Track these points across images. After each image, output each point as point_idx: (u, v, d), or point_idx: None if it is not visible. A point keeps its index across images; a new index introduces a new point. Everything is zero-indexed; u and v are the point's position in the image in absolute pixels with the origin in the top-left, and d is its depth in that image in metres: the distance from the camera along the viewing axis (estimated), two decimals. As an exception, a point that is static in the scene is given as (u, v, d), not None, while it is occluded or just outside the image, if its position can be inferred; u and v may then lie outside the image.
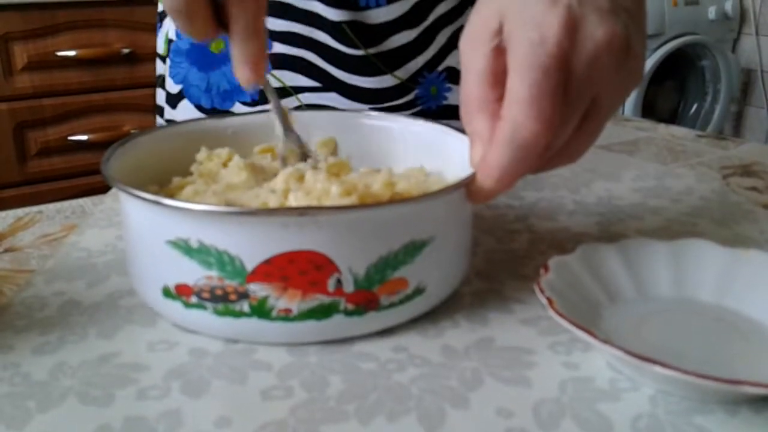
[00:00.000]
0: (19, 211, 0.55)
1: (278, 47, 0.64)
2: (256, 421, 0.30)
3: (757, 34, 2.49)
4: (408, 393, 0.32)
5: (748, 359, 0.35)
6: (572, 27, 0.34)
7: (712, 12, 2.39)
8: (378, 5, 0.63)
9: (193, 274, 0.34)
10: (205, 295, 0.35)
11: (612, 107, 0.37)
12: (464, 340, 0.37)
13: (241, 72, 0.41)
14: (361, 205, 0.36)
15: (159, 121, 0.74)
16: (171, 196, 0.41)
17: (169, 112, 0.71)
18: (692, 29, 2.35)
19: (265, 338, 0.36)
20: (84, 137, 1.76)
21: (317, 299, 0.35)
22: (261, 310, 0.35)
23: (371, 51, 0.65)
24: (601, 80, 0.35)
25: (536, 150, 0.34)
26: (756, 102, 2.58)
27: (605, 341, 0.31)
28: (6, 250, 0.48)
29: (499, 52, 0.36)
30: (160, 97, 0.73)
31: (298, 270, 0.34)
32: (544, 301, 0.34)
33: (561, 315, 0.33)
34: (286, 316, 0.35)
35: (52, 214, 0.54)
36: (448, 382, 0.33)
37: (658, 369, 0.30)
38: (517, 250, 0.48)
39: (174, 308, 0.36)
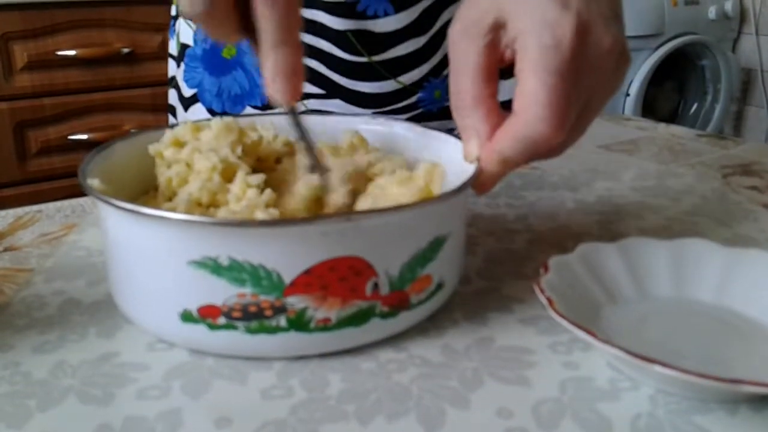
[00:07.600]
0: (19, 210, 0.55)
1: None
2: (256, 420, 0.30)
3: (757, 33, 2.49)
4: (408, 393, 0.32)
5: (747, 358, 0.35)
6: (583, 32, 0.35)
7: (712, 12, 2.39)
8: (386, 14, 0.63)
9: (222, 293, 0.32)
10: (236, 314, 0.33)
11: (601, 108, 0.38)
12: (464, 339, 0.37)
13: (273, 86, 0.35)
14: (400, 206, 0.35)
15: (172, 120, 0.75)
16: None
17: (182, 114, 0.72)
18: (692, 29, 2.35)
19: (302, 351, 0.35)
20: (84, 136, 1.76)
21: (356, 305, 0.34)
22: (299, 323, 0.33)
23: (375, 59, 0.65)
24: (599, 83, 0.37)
25: (545, 147, 0.35)
26: (756, 102, 2.58)
27: (605, 341, 0.31)
28: (6, 249, 0.48)
29: (493, 48, 0.37)
30: (173, 97, 0.74)
31: (338, 277, 0.33)
32: (544, 300, 0.34)
33: (561, 315, 0.33)
34: (325, 326, 0.34)
35: (51, 213, 0.54)
36: (448, 382, 0.33)
37: (658, 368, 0.30)
38: (517, 249, 0.48)
39: (195, 332, 0.34)
